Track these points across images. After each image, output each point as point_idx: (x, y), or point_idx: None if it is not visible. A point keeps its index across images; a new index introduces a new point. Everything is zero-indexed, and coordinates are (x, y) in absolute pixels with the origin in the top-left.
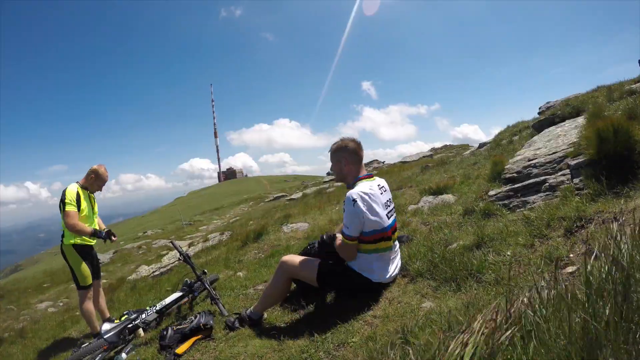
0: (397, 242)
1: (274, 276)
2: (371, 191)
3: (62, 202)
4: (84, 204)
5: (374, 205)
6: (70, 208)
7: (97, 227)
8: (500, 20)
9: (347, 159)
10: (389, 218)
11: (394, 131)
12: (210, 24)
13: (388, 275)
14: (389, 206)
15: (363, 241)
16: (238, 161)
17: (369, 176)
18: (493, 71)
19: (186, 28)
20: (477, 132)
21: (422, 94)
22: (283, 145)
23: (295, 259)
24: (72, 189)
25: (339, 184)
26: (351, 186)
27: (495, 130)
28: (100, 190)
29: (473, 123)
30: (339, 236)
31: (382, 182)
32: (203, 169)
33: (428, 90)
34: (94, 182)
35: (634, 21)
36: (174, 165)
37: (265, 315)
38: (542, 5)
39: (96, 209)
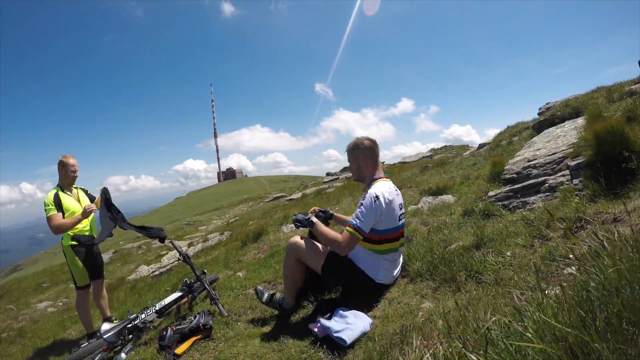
0: (403, 245)
1: (285, 259)
2: (390, 191)
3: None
4: (67, 203)
5: (393, 205)
6: (50, 212)
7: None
8: (499, 21)
9: (365, 157)
10: (399, 220)
11: (368, 133)
12: (196, 25)
13: (391, 278)
14: (401, 209)
15: (374, 240)
16: (233, 162)
17: (386, 177)
18: (488, 72)
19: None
20: (469, 133)
21: (403, 95)
22: (261, 149)
23: (303, 242)
24: (50, 194)
25: (339, 184)
26: (369, 185)
27: (490, 131)
28: (74, 177)
29: (464, 124)
30: (316, 221)
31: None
32: (194, 169)
33: (411, 91)
34: (63, 174)
35: (633, 22)
36: (167, 166)
37: (292, 304)
38: (544, 6)
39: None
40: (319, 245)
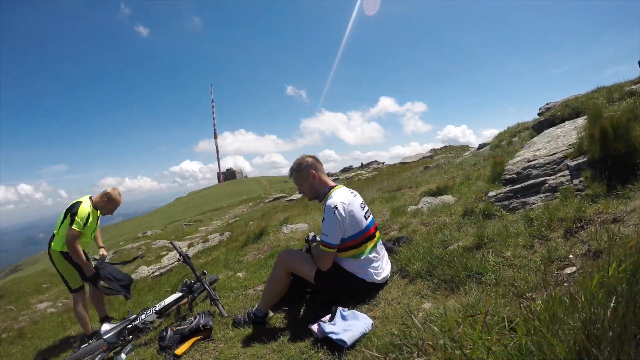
0: (380, 241)
1: (273, 270)
2: (347, 197)
3: (72, 215)
4: (89, 226)
5: (353, 209)
6: (77, 227)
7: (96, 242)
8: (497, 20)
9: (314, 173)
10: (366, 219)
11: (353, 134)
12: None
13: (381, 277)
14: (364, 208)
15: (349, 247)
16: (230, 163)
17: (337, 185)
18: (483, 72)
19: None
20: (465, 134)
21: (389, 96)
22: (250, 151)
23: (294, 253)
24: (86, 208)
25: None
26: (323, 197)
27: (487, 132)
28: (112, 213)
29: (459, 124)
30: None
31: (351, 191)
32: (189, 170)
33: (397, 91)
34: (106, 205)
35: (633, 22)
36: (163, 167)
37: (271, 313)
38: (541, 5)
39: (98, 223)
40: (308, 254)
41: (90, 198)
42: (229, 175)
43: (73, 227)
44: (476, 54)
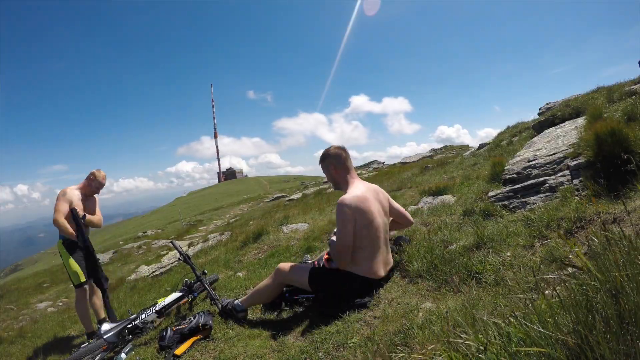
0: (387, 240)
1: (268, 279)
2: (361, 193)
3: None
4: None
5: (364, 205)
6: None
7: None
8: (497, 19)
9: (334, 165)
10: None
11: (334, 135)
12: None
13: (375, 269)
14: (381, 204)
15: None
16: (227, 163)
17: (359, 180)
18: (478, 71)
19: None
20: (460, 134)
21: (375, 95)
22: (239, 153)
23: (289, 265)
24: (71, 191)
25: None
26: (344, 191)
27: (483, 132)
28: (98, 193)
29: (452, 124)
30: (333, 238)
31: (373, 186)
32: (183, 171)
33: (386, 91)
34: (91, 183)
35: (633, 21)
36: (158, 168)
37: (249, 311)
38: (547, 5)
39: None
40: (301, 265)
41: (77, 186)
42: (229, 174)
43: (57, 205)
44: (469, 54)
